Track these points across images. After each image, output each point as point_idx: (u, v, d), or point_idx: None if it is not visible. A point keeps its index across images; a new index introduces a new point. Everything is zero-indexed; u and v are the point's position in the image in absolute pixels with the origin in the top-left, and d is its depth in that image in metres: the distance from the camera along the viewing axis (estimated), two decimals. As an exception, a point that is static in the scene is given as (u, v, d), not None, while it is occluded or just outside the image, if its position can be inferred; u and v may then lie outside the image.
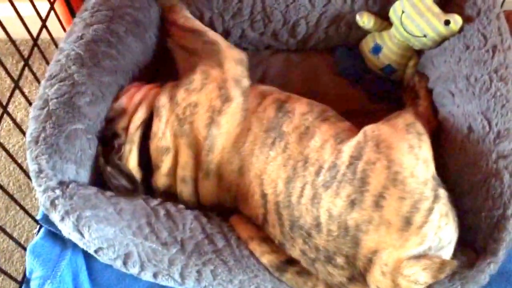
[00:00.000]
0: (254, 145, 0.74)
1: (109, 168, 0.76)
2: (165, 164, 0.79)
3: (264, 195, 0.71)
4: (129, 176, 0.77)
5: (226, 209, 0.79)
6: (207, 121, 0.77)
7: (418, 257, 0.62)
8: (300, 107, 0.77)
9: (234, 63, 0.82)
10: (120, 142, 0.79)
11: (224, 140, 0.76)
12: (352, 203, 0.64)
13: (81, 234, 0.68)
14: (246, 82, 0.82)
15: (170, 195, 0.80)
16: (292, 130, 0.74)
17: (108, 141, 0.79)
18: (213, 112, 0.77)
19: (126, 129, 0.81)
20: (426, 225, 0.62)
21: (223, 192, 0.78)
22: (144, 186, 0.80)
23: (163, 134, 0.79)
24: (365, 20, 0.91)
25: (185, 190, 0.79)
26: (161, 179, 0.80)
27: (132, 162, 0.80)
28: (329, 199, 0.66)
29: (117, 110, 0.82)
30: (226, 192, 0.77)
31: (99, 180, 0.78)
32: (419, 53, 0.91)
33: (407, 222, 0.62)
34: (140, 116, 0.81)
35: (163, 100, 0.80)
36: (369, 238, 0.63)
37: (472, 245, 0.69)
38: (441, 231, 0.63)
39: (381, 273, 0.62)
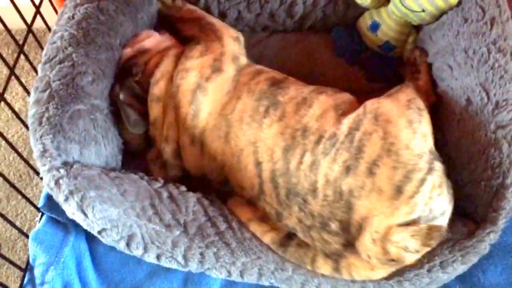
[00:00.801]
0: (243, 113, 0.75)
1: (122, 95, 0.79)
2: (153, 112, 0.82)
3: (258, 163, 0.72)
4: (142, 99, 0.80)
5: (212, 181, 0.80)
6: (193, 86, 0.79)
7: (407, 224, 0.63)
8: (295, 85, 0.78)
9: (231, 39, 0.85)
10: (137, 69, 0.83)
11: (210, 106, 0.78)
12: (348, 169, 0.66)
13: (85, 214, 0.69)
14: (243, 60, 0.84)
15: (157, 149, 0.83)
16: (288, 100, 0.75)
17: (127, 70, 0.83)
18: (201, 78, 0.79)
19: (147, 64, 0.84)
20: (416, 195, 0.64)
21: (208, 161, 0.78)
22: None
23: (156, 81, 0.81)
24: (362, -3, 0.90)
25: (167, 150, 0.81)
26: (149, 127, 0.83)
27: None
28: (327, 165, 0.67)
29: (139, 50, 0.86)
30: (211, 161, 0.78)
31: (102, 159, 0.78)
32: (417, 29, 0.90)
33: (398, 190, 0.64)
34: (158, 59, 0.84)
35: (171, 53, 0.84)
36: (361, 203, 0.65)
37: (472, 216, 0.70)
38: (433, 202, 0.65)
39: (372, 240, 0.64)
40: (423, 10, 0.83)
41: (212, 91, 0.78)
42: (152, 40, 0.89)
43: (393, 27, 0.90)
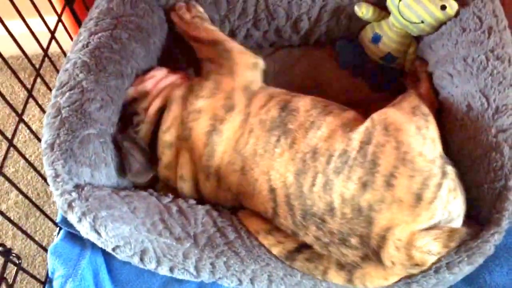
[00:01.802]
0: (256, 146, 0.75)
1: (125, 143, 0.79)
2: (166, 157, 0.81)
3: (272, 190, 0.72)
4: (143, 150, 0.80)
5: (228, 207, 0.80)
6: (208, 128, 0.78)
7: (428, 229, 0.64)
8: (304, 104, 0.78)
9: (245, 68, 0.84)
10: (139, 119, 0.83)
11: (225, 145, 0.78)
12: (364, 185, 0.66)
13: (98, 233, 0.70)
14: (255, 85, 0.83)
15: (170, 187, 0.82)
16: (298, 127, 0.75)
17: (127, 119, 0.83)
18: (215, 120, 0.78)
19: (146, 110, 0.84)
20: (435, 200, 0.64)
21: (223, 192, 0.79)
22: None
23: (167, 129, 0.81)
24: (363, 11, 0.93)
25: (184, 186, 0.81)
26: (161, 170, 0.82)
27: (145, 142, 0.83)
28: (341, 184, 0.67)
29: (140, 92, 0.86)
30: (226, 191, 0.79)
31: (113, 180, 0.80)
32: (417, 39, 0.93)
33: (418, 198, 0.64)
34: (160, 101, 0.84)
35: (177, 95, 0.83)
36: (382, 216, 0.65)
37: (477, 218, 0.70)
38: (450, 205, 0.65)
39: (395, 248, 0.64)
40: (422, 21, 0.86)
41: (226, 131, 0.78)
42: (153, 80, 0.88)
43: (394, 39, 0.93)
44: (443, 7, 0.83)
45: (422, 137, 0.68)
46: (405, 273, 0.67)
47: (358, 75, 1.00)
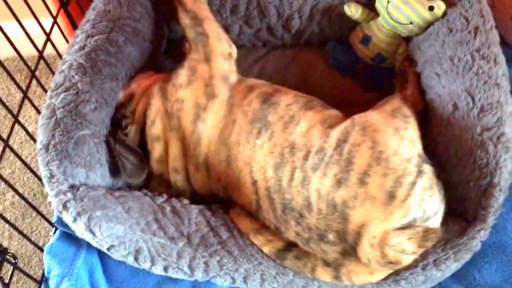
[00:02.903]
0: (239, 136, 0.77)
1: (117, 146, 0.80)
2: (156, 151, 0.83)
3: (254, 182, 0.74)
4: (134, 151, 0.81)
5: (221, 198, 0.82)
6: (193, 117, 0.80)
7: (403, 228, 0.64)
8: (286, 99, 0.79)
9: (222, 58, 0.83)
10: (127, 122, 0.84)
11: (210, 134, 0.79)
12: (339, 182, 0.67)
13: (93, 233, 0.71)
14: (233, 77, 0.83)
15: (164, 181, 0.84)
16: (277, 120, 0.76)
17: (117, 123, 0.84)
18: (198, 108, 0.80)
19: (134, 112, 0.85)
20: (409, 198, 0.65)
21: (214, 182, 0.81)
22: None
23: (152, 122, 0.83)
24: (352, 10, 0.94)
25: (178, 179, 0.83)
26: (153, 165, 0.84)
27: (135, 143, 0.84)
28: (317, 180, 0.69)
29: (127, 96, 0.87)
30: (216, 181, 0.80)
31: (108, 181, 0.81)
32: (407, 40, 0.94)
33: (391, 196, 0.65)
34: (145, 101, 0.85)
35: (155, 89, 0.84)
36: (356, 213, 0.66)
37: (463, 215, 0.71)
38: (425, 203, 0.66)
39: (370, 245, 0.65)
40: (411, 22, 0.87)
41: (210, 119, 0.79)
42: (137, 80, 0.89)
43: (384, 40, 0.94)
44: (431, 8, 0.84)
45: (399, 138, 0.69)
46: (386, 270, 0.68)
47: (349, 75, 1.01)
